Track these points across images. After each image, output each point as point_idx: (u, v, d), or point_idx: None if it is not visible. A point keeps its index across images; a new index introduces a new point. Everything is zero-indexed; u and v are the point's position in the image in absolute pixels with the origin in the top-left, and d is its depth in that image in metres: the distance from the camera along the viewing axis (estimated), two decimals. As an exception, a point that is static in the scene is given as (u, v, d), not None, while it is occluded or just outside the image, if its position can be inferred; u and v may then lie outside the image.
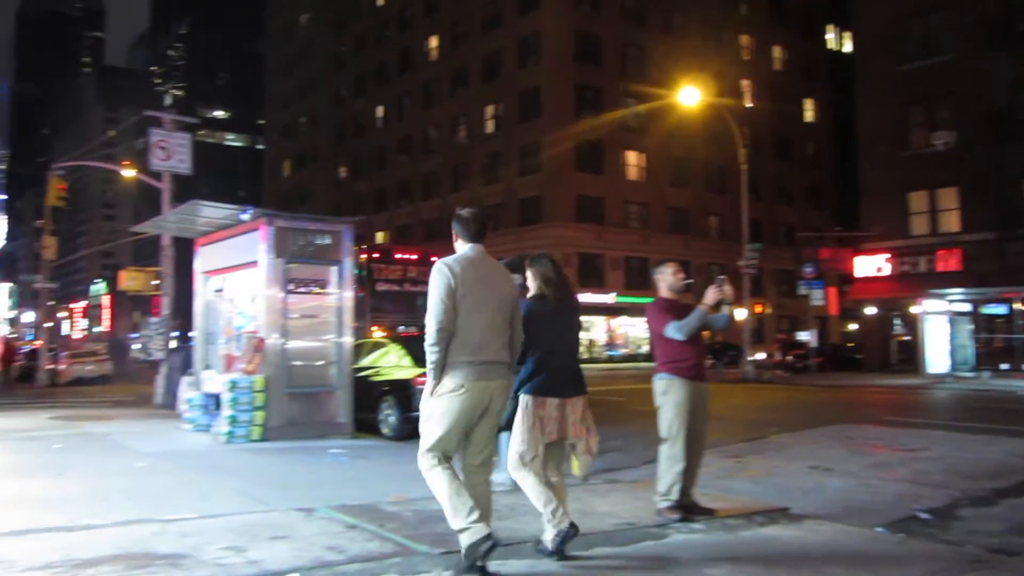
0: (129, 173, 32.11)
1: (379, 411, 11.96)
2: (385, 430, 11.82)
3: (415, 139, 58.58)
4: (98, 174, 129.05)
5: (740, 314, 29.82)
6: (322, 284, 11.53)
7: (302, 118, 74.47)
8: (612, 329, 49.50)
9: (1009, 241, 26.59)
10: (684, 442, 5.86)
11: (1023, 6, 27.38)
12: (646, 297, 32.52)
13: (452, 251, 4.68)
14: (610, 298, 47.76)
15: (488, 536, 4.16)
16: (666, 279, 6.18)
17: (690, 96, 30.65)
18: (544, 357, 4.87)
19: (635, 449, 10.22)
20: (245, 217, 10.91)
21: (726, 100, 40.61)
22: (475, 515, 4.21)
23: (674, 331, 5.86)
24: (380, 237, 61.90)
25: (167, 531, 5.29)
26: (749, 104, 54.00)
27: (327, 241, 11.56)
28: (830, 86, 58.35)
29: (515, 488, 7.01)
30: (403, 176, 59.67)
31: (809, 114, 59.49)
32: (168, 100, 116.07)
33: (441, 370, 4.31)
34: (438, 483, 4.37)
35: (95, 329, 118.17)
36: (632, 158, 49.74)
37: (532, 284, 5.11)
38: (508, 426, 4.96)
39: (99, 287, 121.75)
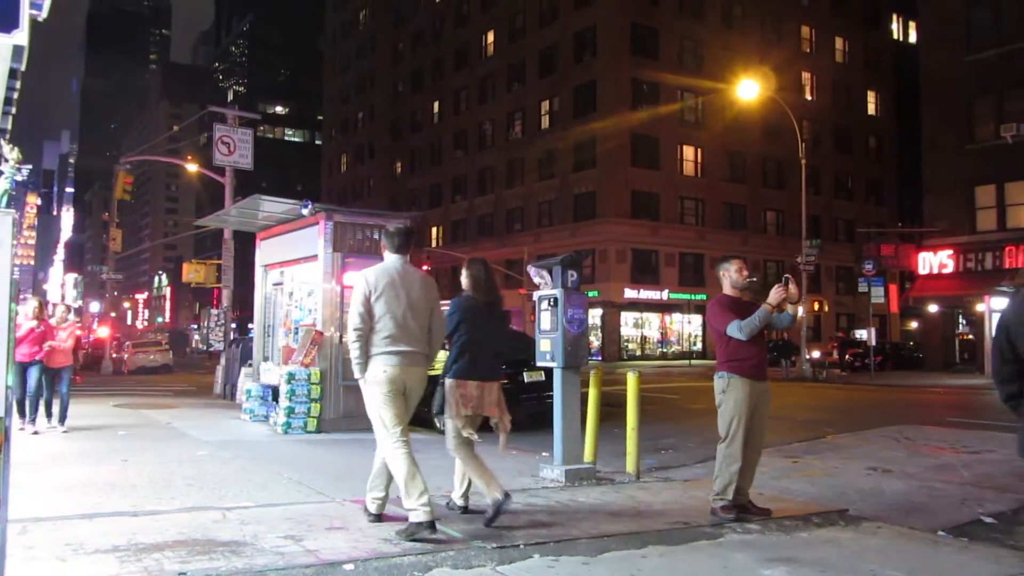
0: (192, 168, 32.82)
1: (433, 405, 12.05)
2: (438, 423, 11.90)
3: (470, 134, 58.80)
4: (162, 168, 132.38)
5: (799, 312, 29.29)
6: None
7: (359, 113, 75.34)
8: (666, 325, 49.10)
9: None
10: (742, 441, 5.79)
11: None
12: (700, 294, 32.83)
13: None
14: (664, 295, 47.37)
15: (431, 523, 4.95)
16: (730, 275, 6.10)
17: (749, 89, 30.22)
18: (468, 346, 5.65)
19: (689, 447, 10.16)
20: (305, 212, 11.09)
21: (785, 93, 39.91)
22: (424, 499, 4.96)
23: (736, 330, 5.79)
24: (434, 232, 62.42)
25: (228, 519, 5.42)
26: (809, 97, 53.02)
27: (378, 236, 11.67)
28: (894, 78, 56.92)
29: (569, 486, 7.05)
30: (458, 171, 59.98)
31: (871, 107, 58.11)
32: (230, 96, 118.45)
33: (365, 362, 5.20)
34: (398, 464, 5.13)
35: (157, 320, 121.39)
36: (688, 153, 49.20)
37: (465, 283, 5.89)
38: (442, 409, 5.79)
39: (162, 279, 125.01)
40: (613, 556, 4.77)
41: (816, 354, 34.28)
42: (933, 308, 31.38)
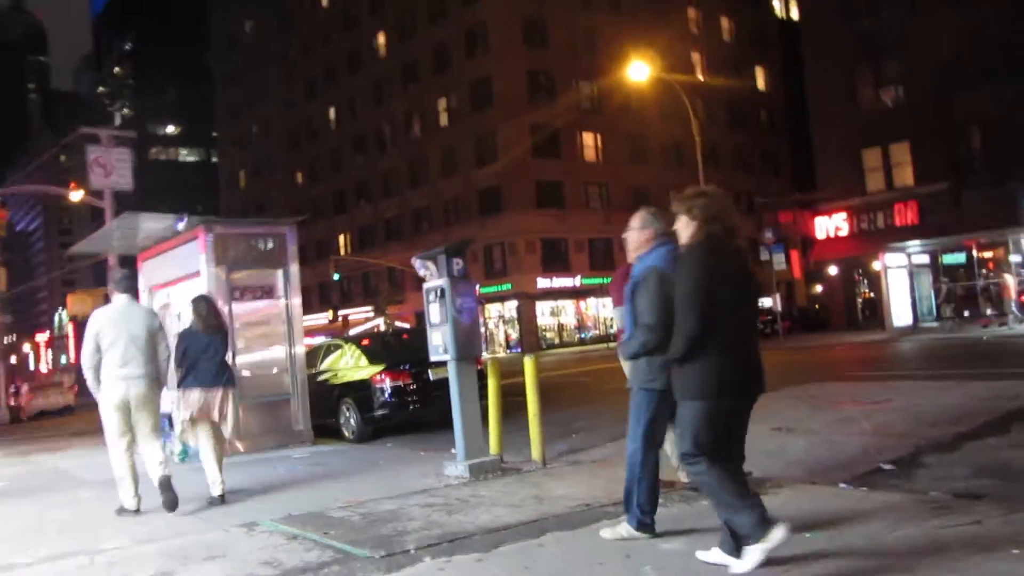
0: (76, 196, 31.29)
1: (339, 414, 11.70)
2: (347, 433, 11.56)
3: (369, 138, 58.01)
4: (53, 201, 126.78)
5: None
6: (268, 290, 11.22)
7: (254, 127, 73.48)
8: (581, 312, 49.42)
9: (963, 189, 26.75)
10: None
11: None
12: (611, 277, 32.47)
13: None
14: (576, 281, 47.68)
15: (137, 509, 6.53)
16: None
17: (639, 72, 30.53)
18: (193, 364, 6.95)
19: (601, 428, 10.04)
20: (180, 226, 10.54)
21: (676, 75, 40.55)
22: (132, 490, 6.56)
23: (619, 319, 5.58)
24: (342, 240, 61.39)
25: (95, 562, 5.00)
26: (701, 77, 54.05)
27: (270, 245, 11.23)
28: (780, 53, 58.59)
29: (473, 481, 6.82)
30: (360, 176, 59.11)
31: (761, 82, 59.71)
32: (118, 120, 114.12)
33: (97, 385, 6.54)
34: (115, 465, 6.58)
35: (62, 360, 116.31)
36: (588, 139, 49.59)
37: (191, 316, 7.26)
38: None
39: (62, 316, 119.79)
40: (509, 549, 4.55)
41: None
42: (833, 270, 32.35)
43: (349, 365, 12.04)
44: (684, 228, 3.94)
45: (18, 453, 13.87)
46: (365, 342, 13.42)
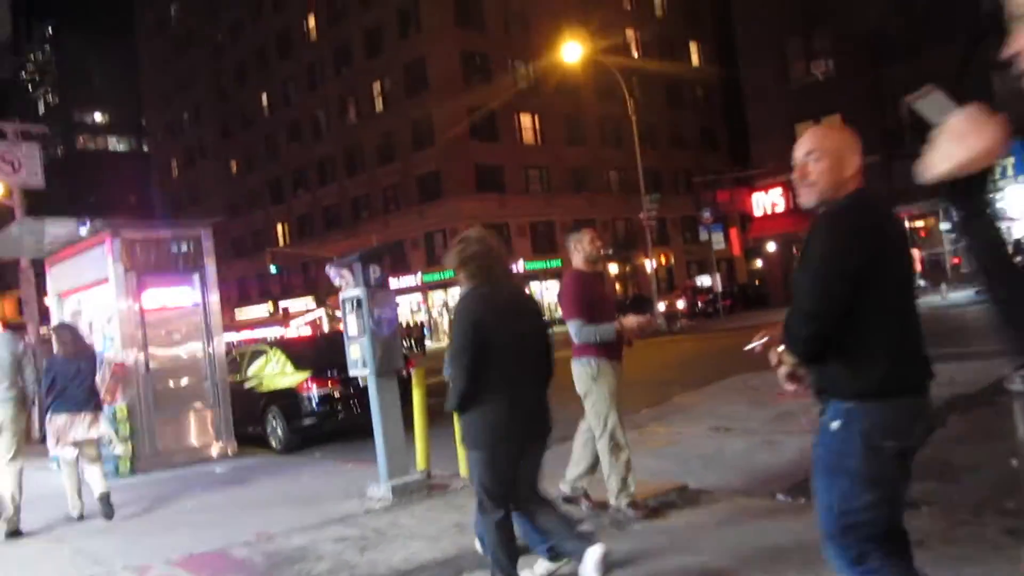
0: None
1: (266, 423, 11.18)
2: (273, 442, 11.06)
3: (304, 125, 56.71)
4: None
5: (649, 266, 29.66)
6: (183, 294, 10.61)
7: (184, 114, 71.27)
8: (526, 295, 49.16)
9: (895, 160, 26.97)
10: (622, 428, 5.31)
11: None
12: (554, 260, 32.42)
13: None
14: (520, 265, 47.33)
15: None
16: (583, 247, 5.49)
17: (572, 52, 30.17)
18: (62, 390, 7.05)
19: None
20: (83, 231, 9.88)
21: (611, 53, 40.30)
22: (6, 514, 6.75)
23: (575, 333, 5.29)
24: (280, 229, 60.11)
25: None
26: (636, 54, 53.91)
27: (184, 248, 10.61)
28: (714, 28, 58.73)
29: (395, 504, 6.39)
30: (297, 164, 57.78)
31: (695, 58, 59.82)
32: (41, 108, 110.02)
33: None
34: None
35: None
36: (526, 121, 49.13)
37: (55, 344, 7.41)
38: None
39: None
40: (421, 596, 4.16)
41: (662, 307, 34.94)
42: (772, 246, 32.55)
43: (275, 371, 11.51)
44: (463, 283, 3.95)
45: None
46: (293, 346, 12.89)
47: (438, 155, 45.96)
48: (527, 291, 4.32)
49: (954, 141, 1.42)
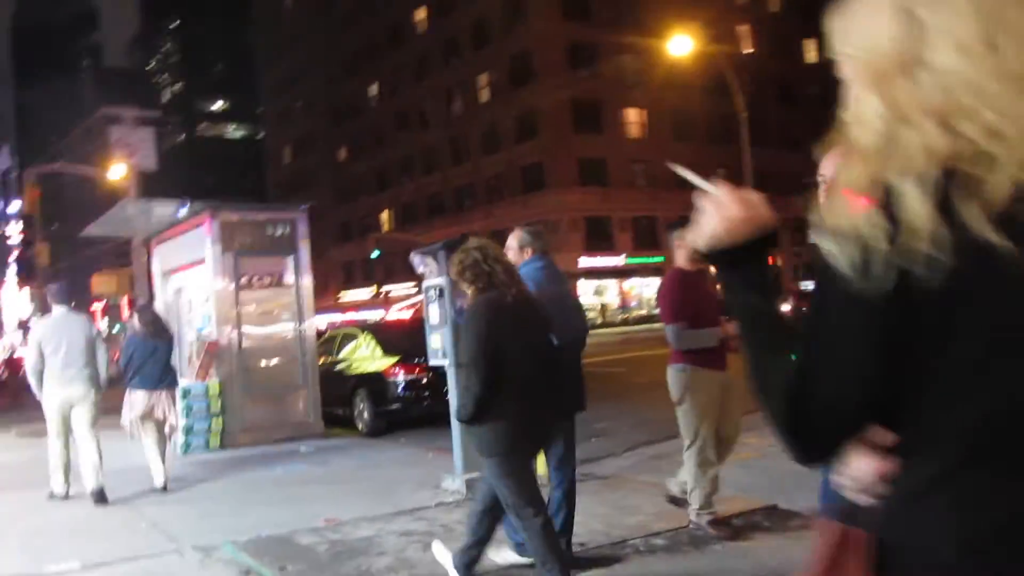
0: (119, 173, 31.27)
1: (353, 406, 11.23)
2: (360, 425, 11.09)
3: (411, 114, 57.47)
4: (99, 178, 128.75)
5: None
6: (278, 277, 10.75)
7: (298, 103, 73.41)
8: (624, 292, 48.54)
9: None
10: (713, 443, 4.93)
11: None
12: (657, 256, 31.54)
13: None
14: (620, 260, 46.80)
15: (66, 495, 7.22)
16: (686, 245, 4.90)
17: (681, 45, 29.40)
18: (139, 367, 7.47)
19: (622, 432, 9.39)
20: (182, 213, 10.10)
21: (722, 47, 39.18)
22: (66, 481, 7.19)
23: (673, 336, 4.86)
24: (385, 216, 61.18)
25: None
26: (749, 49, 52.35)
27: (280, 231, 10.75)
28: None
29: (469, 499, 6.22)
30: (403, 153, 58.67)
31: (811, 55, 57.62)
32: (167, 96, 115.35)
33: (40, 388, 7.21)
34: (53, 456, 7.19)
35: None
36: (632, 115, 48.41)
37: (137, 324, 7.90)
38: None
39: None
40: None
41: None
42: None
43: (365, 355, 11.55)
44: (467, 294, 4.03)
45: (35, 433, 13.61)
46: (383, 331, 12.93)
47: (542, 147, 45.81)
48: (537, 299, 4.18)
49: (714, 211, 1.31)
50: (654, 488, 6.18)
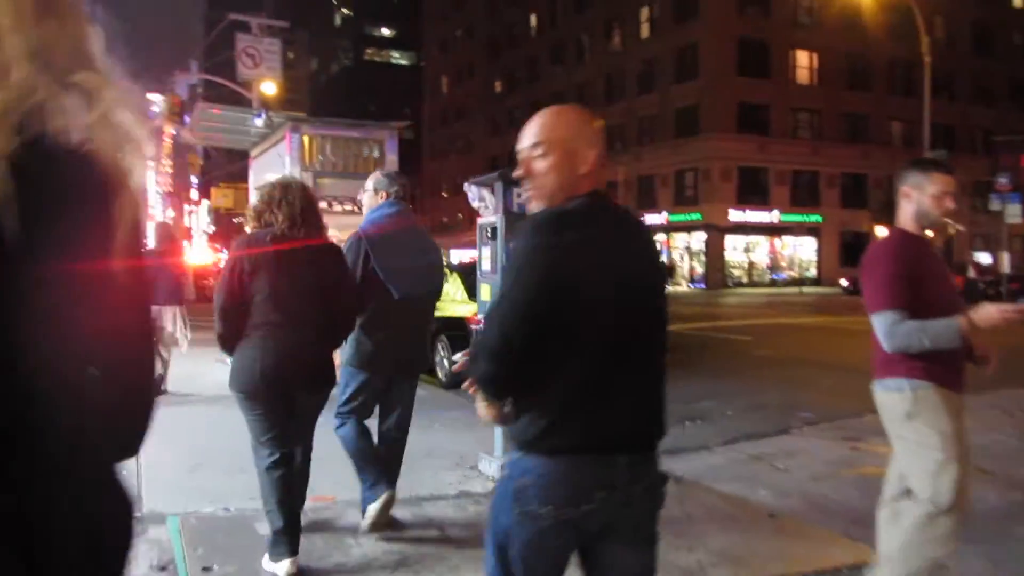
0: (270, 90, 31.41)
1: (435, 352, 10.24)
2: (440, 374, 10.11)
3: (568, 48, 55.56)
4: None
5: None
6: (359, 204, 9.77)
7: (458, 31, 72.72)
8: (776, 250, 45.53)
9: None
10: (955, 506, 3.04)
11: None
12: (814, 215, 29.01)
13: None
14: (774, 216, 43.80)
15: None
16: (922, 199, 3.19)
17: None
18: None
19: (726, 417, 7.92)
20: (259, 123, 9.24)
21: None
22: None
23: (889, 333, 3.03)
24: (533, 153, 60.00)
25: None
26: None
27: (366, 152, 9.74)
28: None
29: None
30: (556, 88, 56.92)
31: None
32: (338, 20, 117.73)
33: None
34: None
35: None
36: (802, 59, 44.65)
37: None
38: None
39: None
40: None
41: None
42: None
43: (451, 298, 10.48)
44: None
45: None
46: (473, 272, 11.79)
47: (700, 88, 43.07)
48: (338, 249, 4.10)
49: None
50: (734, 507, 4.79)
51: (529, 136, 2.08)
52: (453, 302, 10.20)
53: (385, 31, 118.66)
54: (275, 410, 3.60)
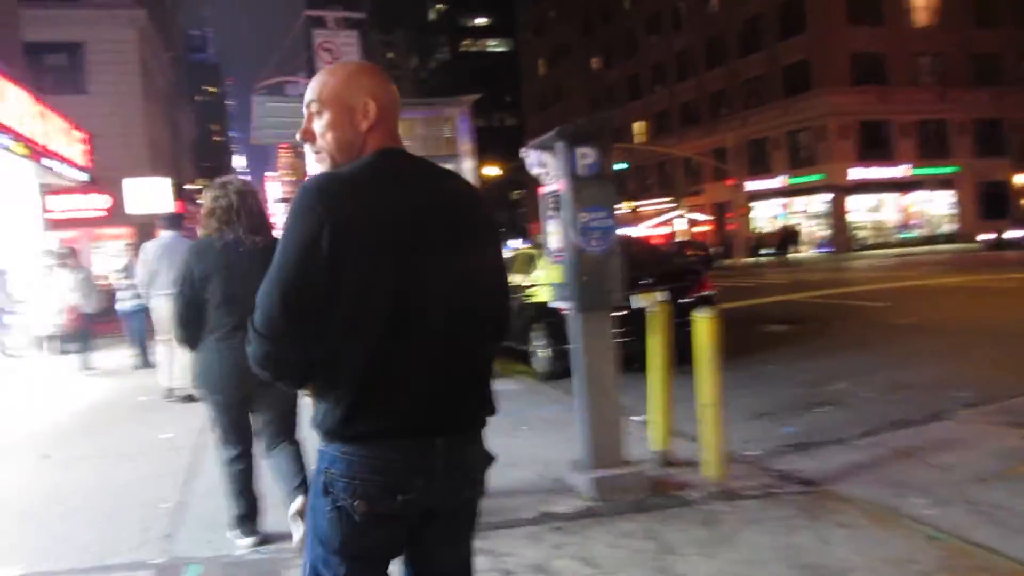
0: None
1: (529, 342, 9.46)
2: (536, 366, 9.31)
3: (664, 15, 53.63)
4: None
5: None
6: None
7: (551, 12, 71.68)
8: (905, 207, 42.49)
9: None
10: None
11: None
12: (946, 167, 26.67)
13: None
14: (901, 171, 40.89)
15: None
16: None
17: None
18: None
19: (864, 400, 6.76)
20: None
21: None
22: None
23: None
24: (636, 128, 58.46)
25: None
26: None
27: (437, 131, 9.00)
28: None
29: (590, 515, 4.17)
30: (655, 59, 55.21)
31: None
32: (431, 15, 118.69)
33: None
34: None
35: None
36: (919, -1, 41.46)
37: None
38: None
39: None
40: None
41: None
42: None
43: (546, 282, 9.63)
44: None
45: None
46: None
47: (809, 42, 40.57)
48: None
49: None
50: (881, 525, 3.74)
51: (307, 96, 1.83)
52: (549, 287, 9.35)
53: (479, 20, 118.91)
54: (236, 409, 3.79)
